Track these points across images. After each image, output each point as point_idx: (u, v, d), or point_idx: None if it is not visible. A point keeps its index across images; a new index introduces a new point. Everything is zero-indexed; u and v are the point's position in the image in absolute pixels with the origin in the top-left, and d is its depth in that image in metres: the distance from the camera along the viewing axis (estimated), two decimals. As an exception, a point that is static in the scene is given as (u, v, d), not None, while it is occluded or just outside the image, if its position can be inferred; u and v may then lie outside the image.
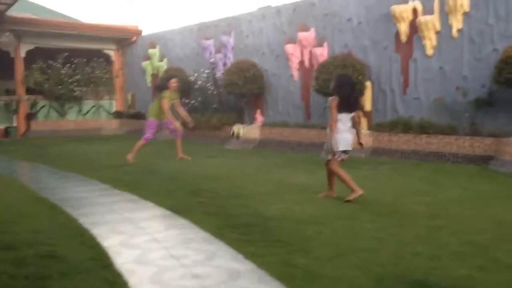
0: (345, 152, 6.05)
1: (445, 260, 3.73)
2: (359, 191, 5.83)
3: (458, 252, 3.89)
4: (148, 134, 10.01)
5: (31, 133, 17.13)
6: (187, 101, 15.20)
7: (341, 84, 5.94)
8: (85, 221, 4.97)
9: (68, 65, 17.85)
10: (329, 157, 6.04)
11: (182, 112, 10.55)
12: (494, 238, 4.30)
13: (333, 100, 5.88)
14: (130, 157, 9.74)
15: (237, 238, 4.32)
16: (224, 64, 14.55)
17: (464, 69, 9.34)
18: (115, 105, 19.51)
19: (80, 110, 18.58)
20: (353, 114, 5.99)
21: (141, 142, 9.99)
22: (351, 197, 5.81)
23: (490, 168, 8.07)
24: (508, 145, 8.13)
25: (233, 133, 10.08)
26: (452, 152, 8.96)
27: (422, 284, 3.25)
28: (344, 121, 5.93)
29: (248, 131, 12.97)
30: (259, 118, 13.58)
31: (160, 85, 10.29)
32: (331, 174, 6.17)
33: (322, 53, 11.78)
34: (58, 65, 17.61)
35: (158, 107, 10.01)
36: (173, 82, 10.07)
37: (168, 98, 9.92)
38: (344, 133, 5.94)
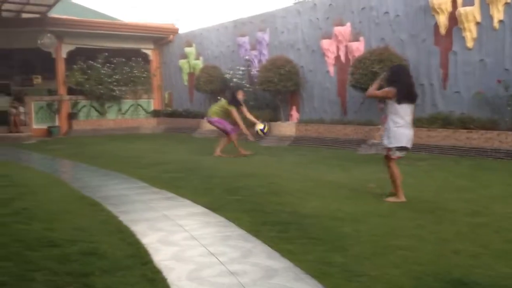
0: (402, 149, 5.60)
1: (486, 258, 3.63)
2: (402, 199, 5.55)
3: (501, 250, 3.79)
4: (228, 128, 10.42)
5: (72, 132, 17.64)
6: (221, 98, 15.29)
7: (399, 73, 5.66)
8: (125, 218, 5.09)
9: (108, 65, 18.26)
10: (385, 152, 5.73)
11: (249, 114, 10.75)
12: (539, 236, 4.16)
13: (389, 92, 5.55)
14: (222, 154, 10.27)
15: (273, 235, 4.33)
16: (259, 61, 14.57)
17: (506, 62, 9.04)
18: (153, 104, 19.84)
19: (119, 109, 18.99)
20: (413, 105, 5.59)
21: (232, 138, 10.45)
22: (392, 200, 5.60)
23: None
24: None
25: (257, 133, 10.23)
26: (494, 147, 8.70)
27: (462, 283, 3.18)
28: (402, 114, 5.50)
29: (274, 126, 12.95)
30: (294, 115, 13.54)
31: (230, 100, 10.55)
32: (392, 172, 5.71)
33: (359, 48, 11.63)
34: (98, 65, 18.04)
35: (221, 111, 10.43)
36: (240, 94, 10.50)
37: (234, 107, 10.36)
38: (402, 128, 5.51)
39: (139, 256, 3.85)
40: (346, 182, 6.91)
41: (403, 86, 5.52)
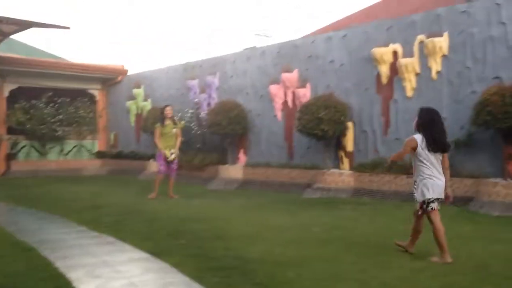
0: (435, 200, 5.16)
1: (426, 303, 3.69)
2: (448, 259, 4.94)
3: (439, 295, 3.87)
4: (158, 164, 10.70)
5: (10, 173, 16.86)
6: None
7: (431, 118, 5.18)
8: (62, 264, 4.85)
9: (52, 104, 17.80)
10: (417, 207, 5.26)
11: (179, 143, 10.87)
12: (474, 279, 4.29)
13: (412, 140, 5.14)
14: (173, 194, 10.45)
15: (217, 281, 4.25)
16: (208, 104, 14.65)
17: (443, 111, 9.51)
18: (97, 145, 19.39)
19: (61, 150, 18.41)
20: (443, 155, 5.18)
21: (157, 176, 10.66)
22: (438, 260, 4.99)
23: (470, 209, 8.12)
24: (487, 186, 8.22)
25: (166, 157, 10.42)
26: (434, 192, 9.00)
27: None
28: (433, 162, 5.12)
29: (221, 169, 12.95)
30: (242, 158, 13.60)
31: (158, 116, 10.92)
32: (416, 226, 5.34)
33: (305, 94, 11.94)
34: (42, 104, 17.55)
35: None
36: (167, 110, 10.69)
37: (159, 128, 10.62)
38: (434, 178, 5.12)
39: (74, 305, 3.66)
40: (291, 226, 6.92)
41: (432, 133, 5.10)
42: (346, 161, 10.96)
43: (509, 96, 7.85)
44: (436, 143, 5.08)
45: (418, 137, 5.14)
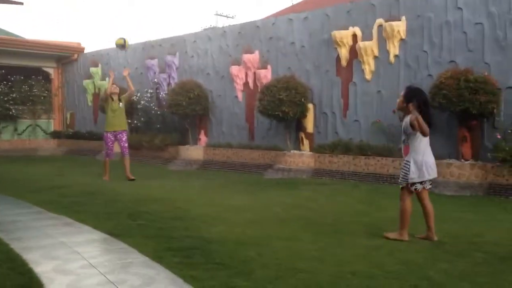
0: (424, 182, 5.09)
1: (381, 279, 3.81)
2: (405, 237, 5.04)
3: (394, 272, 4.00)
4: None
5: (-39, 153, 16.24)
6: (129, 121, 14.94)
7: (426, 98, 5.20)
8: (17, 246, 4.74)
9: (4, 82, 17.14)
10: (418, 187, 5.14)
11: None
12: (428, 257, 4.45)
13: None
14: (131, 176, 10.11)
15: (177, 261, 4.24)
16: (168, 84, 14.46)
17: (401, 93, 9.72)
18: (53, 125, 18.87)
19: (15, 130, 17.82)
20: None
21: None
22: (392, 236, 5.10)
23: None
24: (441, 167, 8.49)
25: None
26: (389, 173, 9.27)
27: (360, 304, 3.30)
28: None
29: (182, 150, 12.88)
30: (203, 139, 13.54)
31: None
32: (425, 211, 5.16)
33: (266, 75, 11.95)
34: (-7, 82, 16.89)
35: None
36: (111, 88, 10.34)
37: (106, 99, 10.36)
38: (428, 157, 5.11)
39: (31, 287, 3.59)
40: (252, 206, 6.98)
41: (427, 113, 5.06)
42: (306, 142, 11.09)
43: (463, 80, 8.09)
44: (430, 124, 5.03)
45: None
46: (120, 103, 10.32)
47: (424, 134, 4.99)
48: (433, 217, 5.10)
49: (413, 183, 5.06)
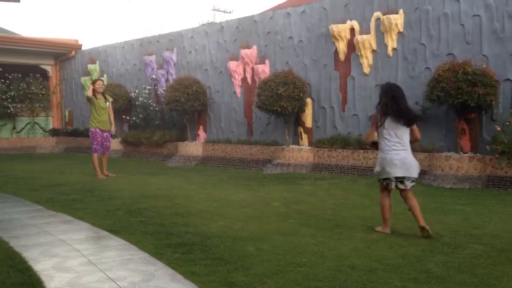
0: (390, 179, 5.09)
1: (380, 272, 3.82)
2: (387, 231, 5.10)
3: (393, 265, 4.00)
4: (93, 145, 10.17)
5: (-40, 151, 16.22)
6: (128, 118, 14.94)
7: (382, 92, 5.25)
8: (17, 243, 4.73)
9: (2, 80, 17.10)
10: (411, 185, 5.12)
11: (112, 118, 10.47)
12: (426, 249, 4.46)
13: (374, 117, 5.23)
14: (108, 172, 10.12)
15: (177, 257, 4.24)
16: (167, 81, 14.44)
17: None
18: (51, 122, 18.84)
19: (14, 128, 17.80)
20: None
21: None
22: (378, 229, 5.19)
23: (424, 182, 8.40)
24: (439, 160, 8.51)
25: None
26: (389, 166, 9.25)
27: (359, 298, 3.30)
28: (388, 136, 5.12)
29: (181, 146, 12.87)
30: (201, 134, 13.53)
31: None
32: (410, 209, 5.12)
33: (264, 70, 11.93)
34: (-9, 80, 16.85)
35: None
36: (98, 84, 10.12)
37: (91, 97, 10.07)
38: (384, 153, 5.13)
39: (31, 284, 3.59)
40: (251, 202, 6.98)
41: (388, 106, 5.06)
42: (305, 137, 11.09)
43: (461, 72, 8.08)
44: (401, 117, 5.01)
45: (379, 112, 5.14)
46: (107, 103, 10.19)
47: (366, 138, 5.34)
48: (419, 210, 5.02)
49: (381, 179, 5.19)
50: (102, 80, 10.49)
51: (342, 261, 4.09)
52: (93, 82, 10.26)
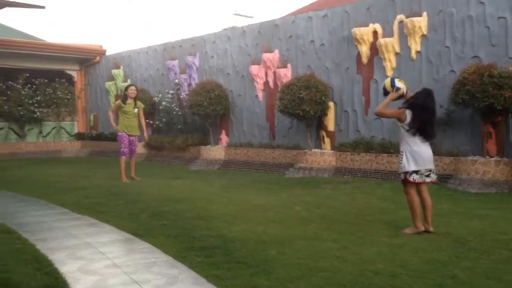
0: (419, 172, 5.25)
1: (404, 277, 3.77)
2: (421, 228, 5.20)
3: (418, 270, 3.95)
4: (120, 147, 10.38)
5: (-12, 156, 16.60)
6: (151, 122, 15.09)
7: (422, 98, 5.31)
8: (43, 246, 4.83)
9: (29, 86, 17.46)
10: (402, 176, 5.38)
11: (144, 124, 10.74)
12: (452, 255, 4.39)
13: (400, 113, 5.35)
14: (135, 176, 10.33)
15: (200, 261, 4.27)
16: (189, 85, 14.55)
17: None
18: (76, 127, 19.16)
19: (40, 132, 18.15)
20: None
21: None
22: (409, 231, 5.24)
23: (449, 186, 8.27)
24: (465, 164, 8.37)
25: None
26: (413, 170, 9.14)
27: (383, 303, 3.27)
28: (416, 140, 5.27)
29: (203, 150, 12.91)
30: (224, 138, 13.59)
31: (122, 95, 10.49)
32: (423, 203, 5.33)
33: (286, 74, 11.93)
34: (18, 86, 17.21)
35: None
36: (131, 89, 10.35)
37: (118, 105, 10.37)
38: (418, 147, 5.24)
39: (57, 287, 3.66)
40: (273, 205, 6.98)
41: (418, 117, 5.19)
42: (327, 141, 11.04)
43: (487, 75, 7.94)
44: (421, 131, 5.22)
45: (409, 113, 5.30)
46: (135, 109, 10.33)
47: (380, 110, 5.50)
48: (431, 210, 5.30)
49: (407, 173, 5.24)
50: (135, 86, 10.70)
51: (365, 266, 4.06)
52: (126, 88, 10.47)
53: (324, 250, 4.58)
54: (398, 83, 5.39)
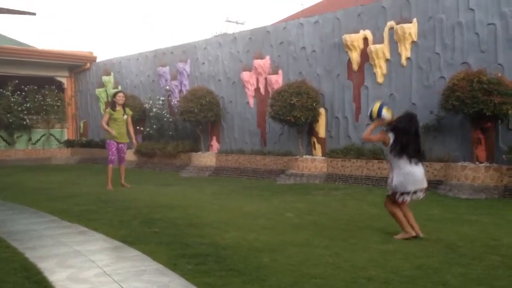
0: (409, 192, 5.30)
1: (396, 284, 3.77)
2: (411, 233, 5.23)
3: (410, 276, 3.95)
4: (109, 155, 10.27)
5: (-23, 163, 16.43)
6: (142, 128, 15.03)
7: (404, 121, 5.32)
8: (32, 255, 4.76)
9: (18, 92, 17.34)
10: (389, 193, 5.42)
11: (132, 131, 10.65)
12: (443, 261, 4.39)
13: (385, 137, 5.35)
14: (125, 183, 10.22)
15: (191, 268, 4.23)
16: (180, 91, 14.53)
17: (413, 96, 9.67)
18: (66, 134, 19.04)
19: (30, 139, 18.01)
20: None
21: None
22: (400, 237, 5.28)
23: (439, 192, 8.31)
24: (455, 170, 8.41)
25: None
26: (404, 176, 9.17)
27: (375, 310, 3.26)
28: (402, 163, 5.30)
29: (194, 157, 12.89)
30: (215, 145, 13.56)
31: (110, 102, 10.35)
32: (405, 216, 5.39)
33: (277, 81, 11.95)
34: (8, 92, 17.08)
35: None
36: (119, 96, 10.24)
37: (108, 113, 10.22)
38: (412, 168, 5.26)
39: (46, 296, 3.60)
40: (265, 212, 6.95)
41: (399, 140, 5.23)
42: (318, 147, 11.05)
43: (476, 81, 8.01)
44: (404, 153, 5.25)
45: (392, 136, 5.32)
46: (125, 115, 10.24)
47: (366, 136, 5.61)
48: (413, 217, 5.37)
49: (397, 193, 5.28)
50: (123, 93, 10.61)
51: (358, 273, 4.05)
52: (114, 95, 10.36)
53: (316, 256, 4.56)
54: (385, 113, 5.41)
